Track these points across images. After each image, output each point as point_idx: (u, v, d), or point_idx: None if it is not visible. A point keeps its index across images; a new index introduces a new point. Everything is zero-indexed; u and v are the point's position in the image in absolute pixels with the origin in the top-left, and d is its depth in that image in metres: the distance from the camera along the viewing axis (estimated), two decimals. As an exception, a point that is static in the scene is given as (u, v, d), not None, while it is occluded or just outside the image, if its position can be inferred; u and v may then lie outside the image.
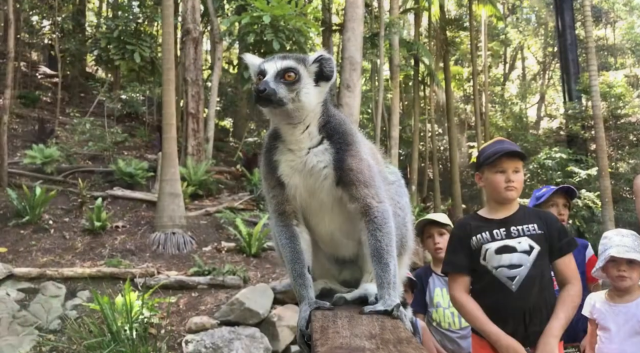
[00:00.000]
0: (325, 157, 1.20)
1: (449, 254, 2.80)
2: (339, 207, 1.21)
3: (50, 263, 8.24)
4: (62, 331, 7.14)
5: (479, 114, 21.62)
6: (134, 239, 9.28)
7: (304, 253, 1.27)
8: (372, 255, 1.18)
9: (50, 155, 11.32)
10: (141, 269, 8.15)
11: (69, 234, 9.27)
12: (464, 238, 2.72)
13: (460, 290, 2.69)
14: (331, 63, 1.24)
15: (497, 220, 2.72)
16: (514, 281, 2.58)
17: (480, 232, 2.69)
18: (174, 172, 9.57)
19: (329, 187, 1.18)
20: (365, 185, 1.18)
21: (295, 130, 1.23)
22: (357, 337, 0.89)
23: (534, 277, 2.59)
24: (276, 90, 1.21)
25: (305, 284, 1.24)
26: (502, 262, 2.61)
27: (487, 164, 2.70)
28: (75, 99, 17.25)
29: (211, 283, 7.93)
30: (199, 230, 9.83)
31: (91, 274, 7.94)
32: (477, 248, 2.68)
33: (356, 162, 1.18)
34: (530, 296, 2.58)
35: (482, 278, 2.67)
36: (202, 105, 13.34)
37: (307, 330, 1.16)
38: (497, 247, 2.65)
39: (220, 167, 13.69)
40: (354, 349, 0.82)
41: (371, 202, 1.17)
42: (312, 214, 1.26)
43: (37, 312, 7.35)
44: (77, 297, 7.71)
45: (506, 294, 2.58)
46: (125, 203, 10.60)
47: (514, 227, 2.67)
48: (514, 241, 2.65)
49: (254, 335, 6.72)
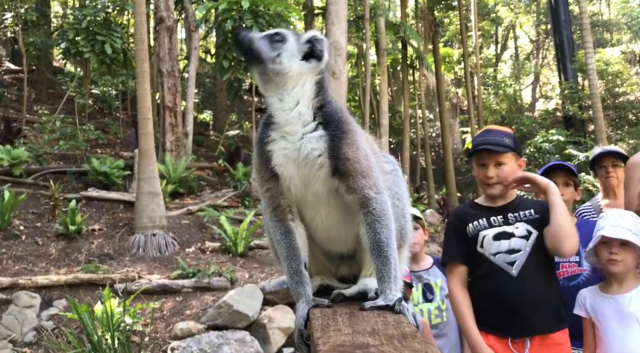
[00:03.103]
0: (321, 145, 1.19)
1: (445, 243, 2.86)
2: (335, 198, 1.20)
3: (23, 272, 8.14)
4: (39, 343, 7.06)
5: (472, 97, 21.69)
6: (112, 243, 9.18)
7: (300, 249, 1.27)
8: (371, 248, 1.17)
9: (18, 157, 11.16)
10: (121, 274, 8.07)
11: (41, 240, 9.16)
12: (460, 226, 2.77)
13: (456, 282, 2.73)
14: (322, 43, 1.26)
15: (494, 208, 2.78)
16: (513, 266, 2.64)
17: (476, 219, 2.75)
18: (152, 169, 9.47)
19: (325, 177, 1.17)
20: (362, 175, 1.17)
21: (283, 104, 1.21)
22: (359, 334, 0.87)
23: (534, 262, 2.66)
24: (255, 40, 1.22)
25: (302, 281, 1.23)
26: (500, 248, 2.67)
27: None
28: (43, 96, 17.03)
29: (196, 286, 7.87)
30: (181, 231, 9.76)
31: (67, 281, 7.84)
32: (473, 236, 2.73)
33: (353, 151, 1.17)
34: (531, 280, 2.63)
35: (480, 265, 2.72)
36: (180, 97, 13.22)
37: (306, 330, 1.14)
38: (495, 234, 2.70)
39: (201, 163, 13.61)
40: (358, 346, 0.79)
41: (369, 193, 1.17)
42: (307, 207, 1.25)
43: (10, 324, 7.25)
44: (53, 306, 7.62)
45: (507, 280, 2.63)
46: (101, 205, 10.49)
47: (511, 214, 2.74)
48: (511, 227, 2.71)
49: (243, 339, 6.70)
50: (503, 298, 2.62)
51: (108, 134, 14.93)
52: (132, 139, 12.66)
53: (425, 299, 3.50)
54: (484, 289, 2.69)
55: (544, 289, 2.66)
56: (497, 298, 2.64)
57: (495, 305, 2.63)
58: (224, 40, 13.02)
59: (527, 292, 2.62)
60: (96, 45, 13.69)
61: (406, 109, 20.13)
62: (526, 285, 2.62)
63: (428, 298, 3.49)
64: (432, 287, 3.48)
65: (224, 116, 19.29)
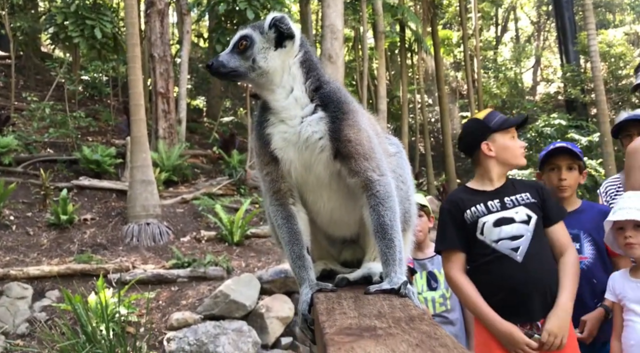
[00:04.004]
0: (321, 127, 1.18)
1: (441, 231, 2.83)
2: (337, 182, 1.20)
3: (14, 263, 8.13)
4: (32, 335, 7.07)
5: (471, 81, 21.65)
6: (104, 232, 9.18)
7: (302, 233, 1.27)
8: (375, 231, 1.16)
9: (7, 145, 11.12)
10: (115, 264, 8.07)
11: (33, 230, 9.15)
12: (457, 213, 2.76)
13: (456, 269, 2.72)
14: (285, 20, 1.25)
15: (490, 192, 2.79)
16: (518, 252, 2.65)
17: (473, 204, 2.75)
18: (145, 157, 9.45)
19: (326, 160, 1.16)
20: (365, 157, 1.16)
21: (277, 96, 1.22)
22: (366, 317, 0.87)
23: (538, 246, 2.67)
24: (225, 61, 1.23)
25: (305, 266, 1.23)
26: (502, 235, 2.68)
27: (501, 130, 2.79)
28: (32, 82, 16.92)
29: (192, 276, 7.88)
30: (176, 220, 9.75)
31: (60, 272, 7.84)
32: (472, 222, 2.73)
33: (354, 133, 1.17)
34: (537, 265, 2.65)
35: (482, 253, 2.71)
36: (172, 83, 13.16)
37: (310, 314, 1.14)
38: (495, 220, 2.70)
39: (195, 150, 13.58)
40: (365, 329, 0.79)
41: (372, 176, 1.16)
42: (309, 191, 1.25)
43: (1, 316, 7.26)
44: (46, 297, 7.62)
45: (512, 266, 2.64)
46: (93, 194, 10.47)
47: (507, 198, 2.75)
48: (510, 212, 2.72)
49: (240, 328, 6.72)
50: (510, 285, 2.63)
51: (99, 121, 14.86)
52: (124, 126, 12.61)
53: (430, 287, 3.51)
54: (489, 276, 2.69)
55: (548, 273, 2.68)
56: (504, 285, 2.64)
57: (502, 291, 2.64)
58: (217, 23, 12.96)
59: (533, 277, 2.63)
60: (85, 29, 13.56)
61: (404, 93, 20.08)
62: (532, 270, 2.64)
63: (432, 286, 3.50)
64: (436, 276, 3.49)
65: (218, 102, 19.21)
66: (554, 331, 2.59)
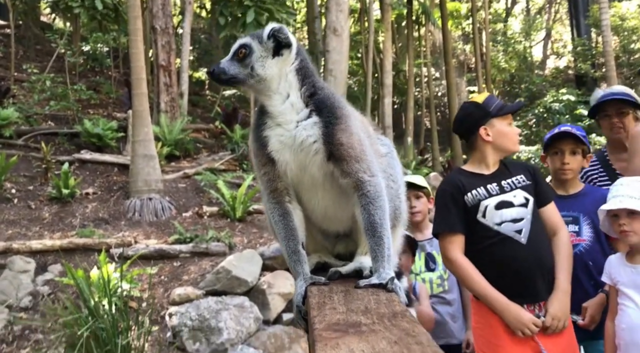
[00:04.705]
0: (315, 132, 1.26)
1: (442, 213, 2.87)
2: (330, 182, 1.28)
3: (17, 236, 8.25)
4: (35, 308, 7.22)
5: (479, 54, 21.50)
6: (106, 207, 9.28)
7: (297, 230, 1.36)
8: (365, 229, 1.25)
9: (7, 117, 11.16)
10: (117, 239, 8.18)
11: (34, 204, 9.25)
12: (457, 196, 2.80)
13: (457, 251, 2.77)
14: (283, 31, 1.33)
15: (487, 176, 2.85)
16: (521, 234, 2.72)
17: (474, 188, 2.80)
18: (147, 131, 9.50)
19: (320, 162, 1.25)
20: (356, 159, 1.25)
21: (274, 101, 1.30)
22: (353, 312, 0.94)
23: (537, 228, 2.76)
24: (226, 68, 1.33)
25: (299, 260, 1.33)
26: (504, 218, 2.74)
27: (499, 115, 2.85)
28: (31, 53, 16.88)
29: (194, 252, 8.00)
30: (178, 195, 9.84)
31: (62, 246, 7.96)
32: (473, 205, 2.78)
33: (346, 137, 1.25)
34: (539, 246, 2.74)
35: (484, 235, 2.77)
36: (174, 55, 13.13)
37: (304, 306, 1.22)
38: (496, 203, 2.76)
39: (197, 125, 13.61)
40: (351, 325, 0.87)
41: (363, 177, 1.24)
42: (304, 190, 1.33)
43: (5, 289, 7.40)
44: (48, 271, 7.75)
45: (517, 248, 2.71)
46: (94, 168, 10.55)
47: (504, 181, 2.82)
48: (509, 195, 2.79)
49: (242, 304, 6.84)
50: (515, 266, 2.70)
51: (100, 93, 14.87)
52: (125, 98, 12.63)
53: (428, 269, 3.59)
54: (493, 258, 2.74)
55: (549, 253, 2.77)
56: (509, 267, 2.71)
57: (507, 273, 2.70)
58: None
59: (537, 259, 2.71)
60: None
61: (411, 67, 19.98)
62: (536, 251, 2.71)
63: (430, 267, 3.58)
64: (435, 257, 3.56)
65: (221, 74, 19.09)
66: (557, 315, 2.67)
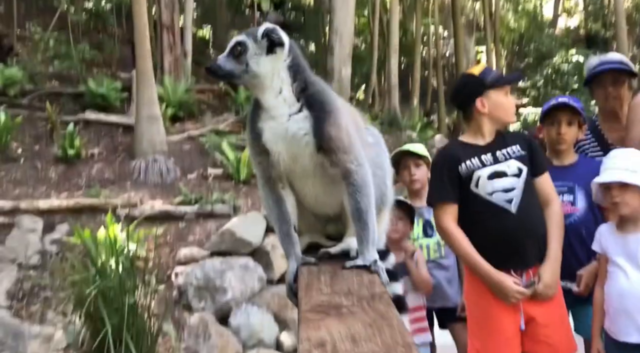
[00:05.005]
0: (306, 125, 1.36)
1: (436, 183, 2.98)
2: (321, 171, 1.38)
3: (24, 196, 8.39)
4: (43, 267, 7.44)
5: (489, 13, 21.21)
6: (112, 167, 9.42)
7: (290, 214, 1.48)
8: (352, 215, 1.36)
9: (11, 76, 11.18)
10: (123, 200, 8.32)
11: (41, 164, 9.38)
12: (452, 166, 2.89)
13: (449, 220, 2.88)
14: (276, 31, 1.42)
15: (482, 146, 2.92)
16: (512, 204, 2.82)
17: (468, 158, 2.88)
18: (151, 93, 9.55)
19: (311, 153, 1.35)
20: (344, 151, 1.35)
21: (266, 96, 1.40)
22: (336, 294, 1.05)
23: (528, 197, 2.85)
24: (222, 65, 1.42)
25: (292, 242, 1.45)
26: (496, 188, 2.83)
27: (495, 87, 2.90)
28: (33, 10, 16.74)
29: (199, 213, 8.15)
30: (182, 156, 9.95)
31: (69, 206, 8.13)
32: (467, 176, 2.86)
33: (335, 130, 1.35)
34: (530, 216, 2.83)
35: (475, 205, 2.87)
36: (177, 14, 13.05)
37: (295, 284, 1.34)
38: (489, 173, 2.85)
39: (202, 85, 13.59)
40: (333, 307, 0.98)
41: (350, 167, 1.34)
42: (296, 178, 1.44)
43: (14, 248, 7.59)
44: (56, 230, 7.92)
45: (507, 217, 2.81)
46: (99, 128, 10.64)
47: (499, 152, 2.89)
48: (502, 165, 2.87)
49: (246, 265, 7.02)
50: (504, 235, 2.80)
51: (103, 52, 14.83)
52: (129, 58, 12.62)
53: (426, 235, 3.71)
54: (484, 227, 2.85)
55: (540, 222, 2.86)
56: (499, 235, 2.82)
57: (498, 241, 2.81)
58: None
59: (527, 227, 2.81)
60: (87, -45, 13.37)
61: (418, 26, 19.75)
62: (525, 220, 2.81)
63: (428, 234, 3.70)
64: (432, 224, 3.67)
65: (225, 33, 19.01)
66: (548, 283, 2.80)
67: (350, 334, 0.86)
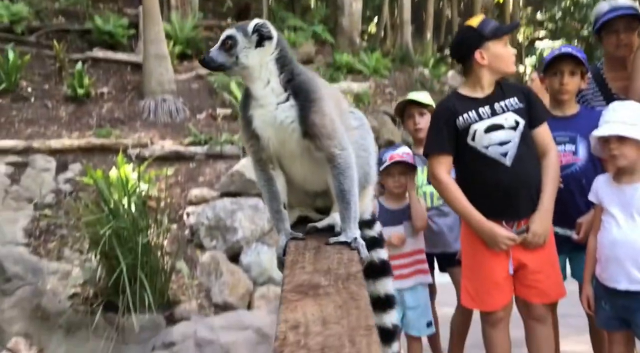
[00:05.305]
0: (292, 113, 1.48)
1: (433, 135, 3.07)
2: (307, 154, 1.51)
3: (36, 135, 8.52)
4: (58, 205, 7.67)
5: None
6: (121, 107, 9.50)
7: (280, 193, 1.61)
8: (336, 195, 1.50)
9: (18, 12, 11.09)
10: (133, 140, 8.44)
11: (51, 103, 9.47)
12: (449, 119, 2.98)
13: (443, 171, 3.00)
14: (266, 26, 1.53)
15: (481, 99, 2.99)
16: (506, 156, 2.92)
17: (466, 111, 2.96)
18: (158, 30, 9.49)
19: (297, 139, 1.47)
20: (328, 137, 1.46)
21: (256, 86, 1.52)
22: (317, 273, 1.17)
23: (524, 150, 2.94)
24: (214, 57, 1.54)
25: (281, 218, 1.60)
26: (492, 141, 2.93)
27: (493, 39, 2.94)
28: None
29: (209, 154, 8.27)
30: (191, 96, 9.98)
31: (80, 146, 8.28)
32: (464, 129, 2.96)
33: (319, 118, 1.46)
34: (524, 168, 2.93)
35: (471, 157, 2.98)
36: (182, -57, 12.74)
37: (284, 257, 1.48)
38: (486, 127, 2.94)
39: (209, 21, 13.43)
40: (312, 287, 1.09)
41: (334, 151, 1.46)
42: (285, 160, 1.57)
43: (29, 187, 7.82)
44: (69, 170, 8.11)
45: (501, 170, 2.92)
46: (107, 67, 10.65)
47: (497, 104, 2.97)
48: (500, 118, 2.95)
49: (256, 205, 7.19)
50: (498, 187, 2.92)
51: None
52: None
53: (429, 182, 3.83)
54: (479, 179, 2.97)
55: (534, 175, 2.96)
56: (493, 187, 2.93)
57: (492, 193, 2.93)
58: None
59: (520, 179, 2.92)
60: None
61: (433, -46, 19.13)
62: (519, 173, 2.91)
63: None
64: None
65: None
66: (538, 232, 2.93)
67: (322, 316, 0.97)
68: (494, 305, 3.06)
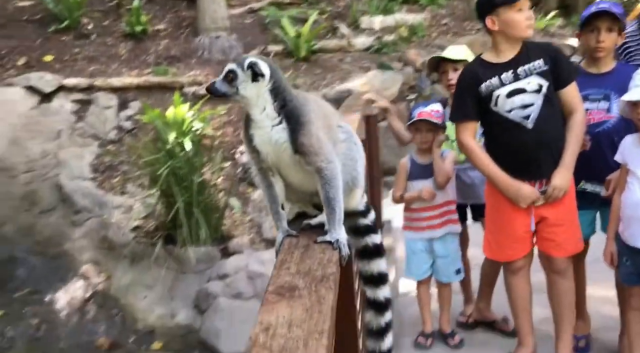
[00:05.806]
0: (284, 135, 1.74)
1: (457, 102, 3.21)
2: (300, 167, 1.79)
3: (98, 73, 8.90)
4: (121, 142, 8.17)
5: None
6: (177, 44, 9.73)
7: (278, 196, 1.89)
8: (323, 201, 1.78)
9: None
10: (189, 78, 8.74)
11: (110, 40, 9.79)
12: (473, 86, 3.08)
13: (468, 136, 3.14)
14: (258, 66, 1.74)
15: (504, 64, 3.06)
16: (529, 119, 3.03)
17: (488, 78, 3.05)
18: (211, -37, 9.57)
19: (290, 154, 1.75)
20: (315, 154, 1.73)
21: (254, 112, 1.77)
22: (299, 274, 1.36)
23: (547, 112, 3.03)
24: (219, 87, 1.78)
25: (279, 218, 1.87)
26: (514, 105, 3.03)
27: (505, 4, 2.96)
28: None
29: (261, 93, 8.45)
30: (244, 32, 10.09)
31: (139, 84, 8.66)
32: (487, 95, 3.06)
33: (307, 139, 1.72)
34: (547, 130, 3.04)
35: (495, 122, 3.11)
36: None
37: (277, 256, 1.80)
38: (508, 92, 3.03)
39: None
40: (290, 289, 1.29)
41: (321, 165, 1.73)
42: (282, 170, 1.85)
43: (93, 123, 8.34)
44: (130, 108, 8.55)
45: (523, 132, 3.04)
46: (163, 3, 10.83)
47: (520, 68, 3.03)
48: (522, 82, 3.02)
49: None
50: (521, 149, 3.06)
51: None
52: None
53: None
54: (502, 143, 3.12)
55: (558, 135, 3.06)
56: (516, 149, 3.07)
57: (515, 155, 3.07)
58: None
59: (542, 142, 3.04)
60: None
61: None
62: (542, 135, 3.03)
63: None
64: None
65: None
66: (557, 185, 3.06)
67: (290, 319, 1.12)
68: (514, 257, 3.27)
